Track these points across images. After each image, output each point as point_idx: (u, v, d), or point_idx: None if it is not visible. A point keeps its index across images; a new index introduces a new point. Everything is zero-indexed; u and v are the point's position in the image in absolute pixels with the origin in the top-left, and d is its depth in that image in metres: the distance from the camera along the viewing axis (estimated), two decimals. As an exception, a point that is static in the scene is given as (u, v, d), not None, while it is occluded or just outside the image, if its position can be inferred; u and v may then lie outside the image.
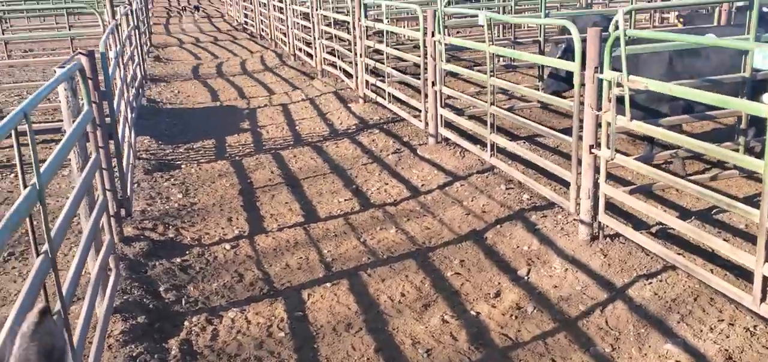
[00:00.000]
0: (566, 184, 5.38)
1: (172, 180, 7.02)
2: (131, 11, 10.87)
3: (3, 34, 14.47)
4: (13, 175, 7.06)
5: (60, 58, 12.93)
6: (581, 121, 4.85)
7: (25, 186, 2.24)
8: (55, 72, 3.47)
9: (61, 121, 7.64)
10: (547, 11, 8.15)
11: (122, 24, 8.80)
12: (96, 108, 4.09)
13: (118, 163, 5.19)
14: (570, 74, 5.09)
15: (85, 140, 3.70)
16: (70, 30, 14.39)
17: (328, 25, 11.68)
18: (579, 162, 4.93)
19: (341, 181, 6.85)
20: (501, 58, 8.79)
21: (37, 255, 2.38)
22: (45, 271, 2.35)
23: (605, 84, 4.51)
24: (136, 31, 11.43)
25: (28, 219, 2.28)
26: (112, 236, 4.07)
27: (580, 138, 4.88)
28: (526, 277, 4.60)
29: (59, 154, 2.74)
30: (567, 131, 5.55)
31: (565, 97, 5.97)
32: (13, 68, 13.21)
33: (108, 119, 5.03)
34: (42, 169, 2.47)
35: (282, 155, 7.85)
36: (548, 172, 5.91)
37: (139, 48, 11.50)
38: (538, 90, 7.14)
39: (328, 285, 4.68)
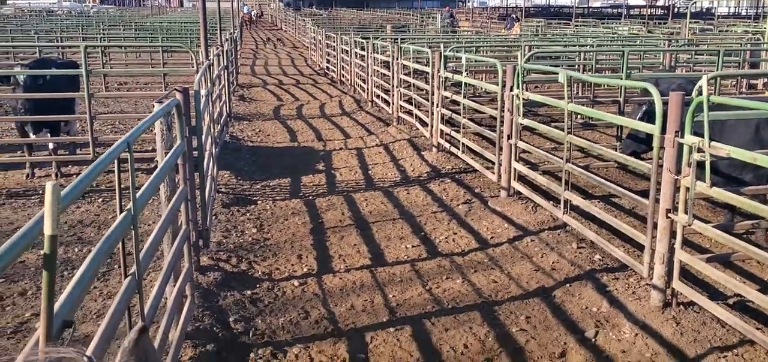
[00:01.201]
0: (640, 247, 5.26)
1: (248, 214, 7.28)
2: (222, 52, 11.47)
3: (103, 67, 15.57)
4: (101, 199, 7.50)
5: (152, 93, 13.73)
6: (659, 184, 4.76)
7: (121, 212, 2.43)
8: (152, 105, 3.74)
9: (148, 150, 8.07)
10: (628, 72, 8.06)
11: (214, 64, 9.30)
12: (186, 142, 4.36)
13: (201, 195, 5.46)
14: (649, 136, 5.02)
15: (175, 172, 3.95)
16: (163, 67, 15.32)
17: (407, 74, 11.92)
18: (655, 226, 4.82)
19: (410, 227, 6.92)
20: (579, 116, 8.72)
21: (126, 276, 2.56)
22: (131, 292, 2.52)
23: (685, 149, 4.42)
24: (226, 71, 12.02)
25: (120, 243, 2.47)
26: (191, 265, 4.28)
27: (657, 201, 4.78)
28: (593, 339, 4.50)
29: (153, 183, 2.95)
30: (643, 193, 5.44)
31: (643, 159, 5.86)
32: (108, 99, 14.10)
33: (195, 153, 5.32)
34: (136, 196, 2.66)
35: (353, 198, 8.01)
36: (622, 234, 5.79)
37: (226, 87, 12.09)
38: (616, 149, 7.03)
39: (392, 330, 4.72)
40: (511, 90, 7.22)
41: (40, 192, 7.83)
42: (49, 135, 8.50)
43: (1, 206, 7.26)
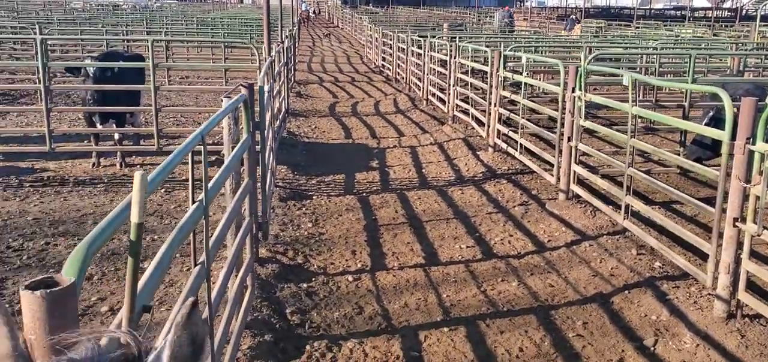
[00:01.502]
0: (703, 256, 5.11)
1: (304, 209, 7.39)
2: (283, 49, 11.66)
3: (166, 60, 16.04)
4: (163, 190, 7.73)
5: (213, 87, 14.01)
6: (726, 192, 4.62)
7: (193, 202, 2.52)
8: (219, 100, 3.84)
9: (207, 143, 8.25)
10: (694, 76, 7.82)
11: (275, 60, 9.46)
12: (251, 137, 4.47)
13: (262, 189, 5.57)
14: (715, 142, 4.88)
15: (240, 165, 4.05)
16: (225, 62, 15.68)
17: (464, 72, 11.85)
18: (720, 234, 4.68)
19: (464, 227, 6.89)
20: (641, 120, 8.52)
21: (195, 265, 2.65)
22: (201, 280, 2.61)
23: (756, 156, 4.28)
24: (285, 67, 12.22)
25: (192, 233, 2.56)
26: (252, 256, 4.38)
27: (724, 209, 4.64)
28: (652, 348, 4.40)
29: (223, 175, 3.04)
30: (706, 200, 5.28)
31: (707, 166, 5.69)
32: (170, 92, 14.49)
33: (257, 147, 5.43)
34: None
35: (407, 196, 8.03)
36: (683, 241, 5.64)
37: (285, 84, 12.29)
38: (679, 155, 6.85)
39: (446, 329, 4.72)
40: (573, 91, 7.11)
41: (105, 180, 8.13)
42: (114, 125, 8.81)
43: (68, 193, 7.57)
